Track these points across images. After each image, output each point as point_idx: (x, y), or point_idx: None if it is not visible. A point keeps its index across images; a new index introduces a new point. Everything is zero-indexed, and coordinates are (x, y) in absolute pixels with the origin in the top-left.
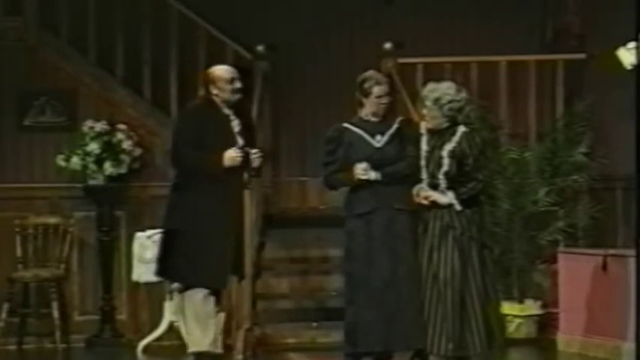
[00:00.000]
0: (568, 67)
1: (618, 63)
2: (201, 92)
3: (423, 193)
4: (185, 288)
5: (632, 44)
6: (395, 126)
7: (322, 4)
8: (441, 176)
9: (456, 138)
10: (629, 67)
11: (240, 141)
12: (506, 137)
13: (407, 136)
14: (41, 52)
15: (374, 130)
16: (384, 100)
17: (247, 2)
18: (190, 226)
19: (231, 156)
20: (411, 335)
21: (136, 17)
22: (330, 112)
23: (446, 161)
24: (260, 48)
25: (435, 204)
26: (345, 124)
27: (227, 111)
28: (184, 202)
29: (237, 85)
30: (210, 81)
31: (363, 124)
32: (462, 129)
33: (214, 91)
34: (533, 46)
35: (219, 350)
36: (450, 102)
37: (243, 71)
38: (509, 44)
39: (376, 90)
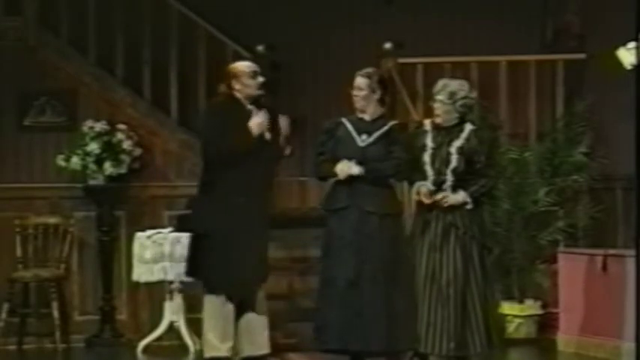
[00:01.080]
0: (568, 67)
1: (618, 63)
2: (222, 88)
3: (440, 196)
4: (207, 291)
5: (632, 44)
6: (385, 128)
7: (322, 4)
8: (448, 173)
9: (464, 135)
10: (629, 67)
11: (268, 136)
12: (506, 137)
13: (397, 139)
14: (41, 52)
15: (363, 129)
16: (356, 92)
17: (247, 2)
18: (216, 227)
19: (256, 122)
20: (370, 336)
21: (136, 17)
22: (330, 112)
23: (454, 157)
24: (260, 48)
25: (438, 205)
26: (342, 119)
27: (250, 107)
28: (210, 202)
29: (260, 79)
30: (232, 76)
31: (356, 121)
32: (469, 126)
33: (237, 87)
34: (533, 46)
35: (263, 351)
36: (464, 98)
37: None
38: (509, 44)
39: (355, 81)
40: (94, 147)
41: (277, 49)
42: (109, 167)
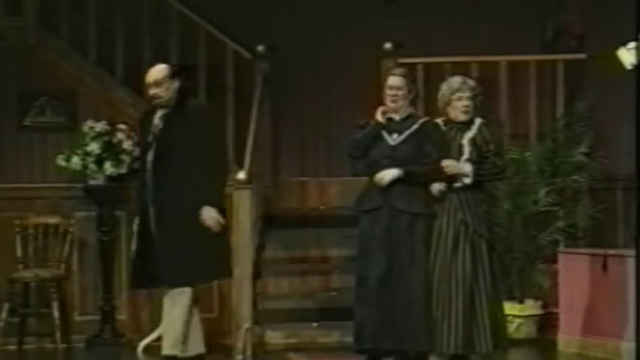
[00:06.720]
0: (568, 67)
1: (618, 63)
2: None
3: (446, 163)
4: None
5: (632, 44)
6: (415, 126)
7: (322, 5)
8: (462, 164)
9: (475, 127)
10: (629, 67)
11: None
12: (507, 137)
13: (430, 138)
14: (41, 52)
15: (394, 128)
16: (392, 92)
17: (247, 2)
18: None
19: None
20: (401, 335)
21: (136, 17)
22: (330, 112)
23: (467, 149)
24: (260, 48)
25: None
26: (372, 121)
27: (161, 111)
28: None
29: (151, 92)
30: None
31: (387, 122)
32: (479, 120)
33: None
34: (533, 46)
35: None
36: (480, 94)
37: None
38: (509, 44)
39: (388, 80)
40: (94, 147)
41: (277, 49)
42: (109, 167)
